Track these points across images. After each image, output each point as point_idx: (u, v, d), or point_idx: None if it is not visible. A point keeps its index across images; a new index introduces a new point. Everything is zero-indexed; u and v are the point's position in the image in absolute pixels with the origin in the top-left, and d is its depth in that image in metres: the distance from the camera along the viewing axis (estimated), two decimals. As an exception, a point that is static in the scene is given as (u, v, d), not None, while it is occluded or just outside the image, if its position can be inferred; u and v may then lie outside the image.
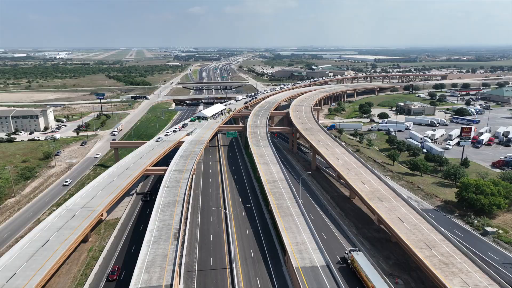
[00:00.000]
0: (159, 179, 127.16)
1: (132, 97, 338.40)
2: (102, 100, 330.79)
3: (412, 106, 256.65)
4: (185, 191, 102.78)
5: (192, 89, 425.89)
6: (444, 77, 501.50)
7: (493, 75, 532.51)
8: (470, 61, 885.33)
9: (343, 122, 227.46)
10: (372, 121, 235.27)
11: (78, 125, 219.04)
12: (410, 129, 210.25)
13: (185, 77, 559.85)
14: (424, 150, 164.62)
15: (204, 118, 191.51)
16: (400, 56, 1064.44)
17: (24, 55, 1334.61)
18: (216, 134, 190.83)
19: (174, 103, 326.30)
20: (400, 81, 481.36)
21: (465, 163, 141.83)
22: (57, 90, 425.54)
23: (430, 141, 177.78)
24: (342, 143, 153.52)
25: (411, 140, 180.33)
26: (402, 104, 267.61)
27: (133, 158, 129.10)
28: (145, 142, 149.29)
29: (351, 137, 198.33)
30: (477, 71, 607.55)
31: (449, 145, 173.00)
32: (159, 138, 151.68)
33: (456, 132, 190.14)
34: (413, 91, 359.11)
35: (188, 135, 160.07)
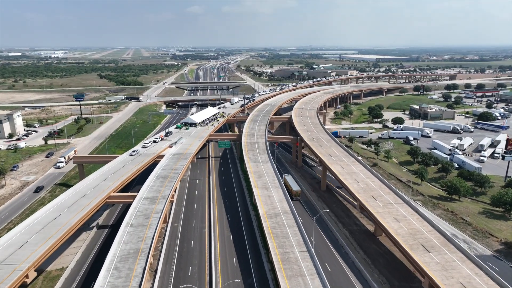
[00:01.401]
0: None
1: (127, 98, 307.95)
2: (88, 102, 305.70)
3: (429, 110, 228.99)
4: (155, 233, 74.85)
5: (186, 90, 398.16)
6: (453, 77, 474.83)
7: (504, 75, 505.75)
8: (474, 60, 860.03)
9: (352, 128, 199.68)
10: (386, 126, 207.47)
11: (49, 131, 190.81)
12: (430, 137, 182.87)
13: (180, 76, 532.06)
14: (455, 165, 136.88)
15: (193, 124, 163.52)
16: (400, 56, 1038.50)
17: (19, 54, 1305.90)
18: (206, 143, 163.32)
19: (164, 105, 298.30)
20: (407, 81, 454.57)
21: (511, 183, 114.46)
22: (42, 90, 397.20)
23: (460, 152, 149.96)
24: (359, 157, 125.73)
25: (436, 151, 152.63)
26: (417, 107, 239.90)
27: (96, 179, 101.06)
28: (116, 156, 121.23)
29: (364, 147, 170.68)
30: (486, 71, 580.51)
31: (484, 157, 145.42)
32: (134, 152, 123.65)
33: (487, 141, 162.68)
34: (424, 92, 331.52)
35: (170, 146, 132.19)
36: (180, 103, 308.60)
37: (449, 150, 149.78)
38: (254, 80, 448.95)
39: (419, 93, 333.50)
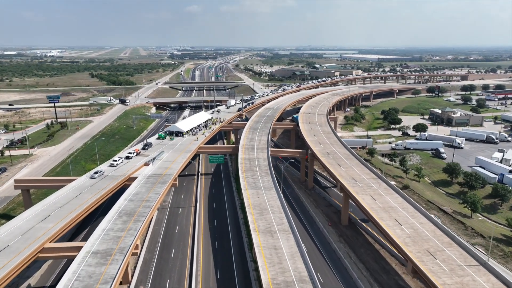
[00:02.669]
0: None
1: (121, 100, 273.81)
2: (69, 103, 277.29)
3: (453, 115, 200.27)
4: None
5: (180, 90, 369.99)
6: (464, 77, 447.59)
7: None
8: (479, 61, 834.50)
9: (368, 136, 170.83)
10: (406, 134, 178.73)
11: (10, 139, 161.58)
12: (462, 147, 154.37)
13: (175, 76, 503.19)
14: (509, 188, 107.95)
15: (179, 133, 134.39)
16: (402, 56, 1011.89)
17: (15, 52, 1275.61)
18: (192, 161, 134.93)
19: (154, 107, 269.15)
20: (416, 81, 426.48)
21: None
22: (25, 90, 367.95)
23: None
24: (392, 182, 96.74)
25: (478, 169, 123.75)
26: (439, 111, 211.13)
27: (31, 219, 71.85)
28: (73, 179, 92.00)
29: (386, 160, 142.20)
30: (497, 71, 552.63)
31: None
32: (97, 172, 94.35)
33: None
34: (440, 94, 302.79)
35: (147, 164, 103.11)
36: (171, 105, 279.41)
37: (510, 171, 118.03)
38: (253, 80, 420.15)
39: (433, 94, 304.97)
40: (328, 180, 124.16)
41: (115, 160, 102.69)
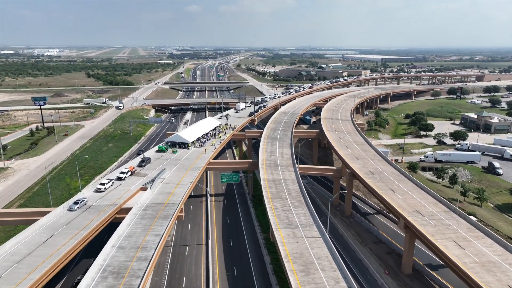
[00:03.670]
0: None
1: (119, 103, 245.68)
2: (60, 106, 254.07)
3: (491, 120, 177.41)
4: None
5: (181, 91, 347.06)
6: (480, 78, 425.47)
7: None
8: (485, 61, 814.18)
9: (401, 146, 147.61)
10: (442, 143, 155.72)
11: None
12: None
13: (175, 76, 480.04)
14: None
15: (184, 144, 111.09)
16: (403, 56, 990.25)
17: (12, 52, 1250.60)
18: (204, 174, 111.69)
19: (153, 110, 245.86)
20: (431, 82, 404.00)
21: None
22: (15, 90, 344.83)
23: None
24: (473, 219, 73.42)
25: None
26: (474, 116, 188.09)
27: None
28: (46, 212, 68.78)
29: (425, 175, 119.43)
30: (511, 71, 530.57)
31: None
32: (77, 202, 71.09)
33: None
34: (462, 96, 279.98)
35: (144, 188, 79.87)
36: (172, 108, 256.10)
37: None
38: (257, 81, 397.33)
39: (455, 96, 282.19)
40: (366, 202, 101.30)
41: (103, 184, 79.27)
